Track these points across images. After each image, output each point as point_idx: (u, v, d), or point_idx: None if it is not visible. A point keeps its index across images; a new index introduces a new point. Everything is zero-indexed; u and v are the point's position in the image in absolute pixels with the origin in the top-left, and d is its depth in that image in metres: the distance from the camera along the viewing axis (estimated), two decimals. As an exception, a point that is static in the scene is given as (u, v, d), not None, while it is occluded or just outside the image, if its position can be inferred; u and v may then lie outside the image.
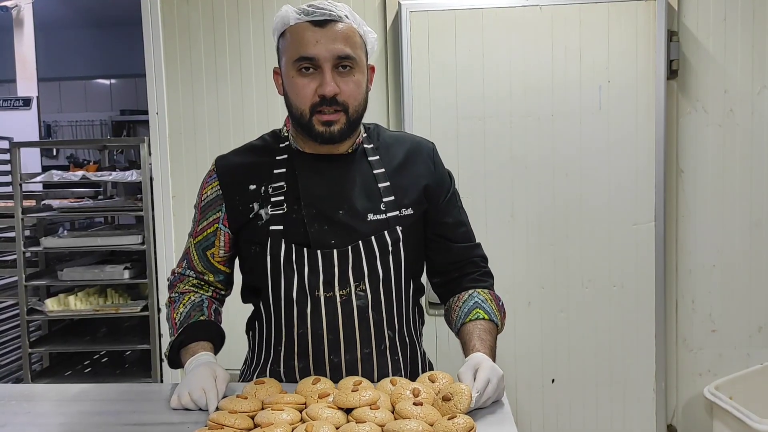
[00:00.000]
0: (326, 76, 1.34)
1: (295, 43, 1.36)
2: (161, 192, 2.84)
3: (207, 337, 1.45)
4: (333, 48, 1.33)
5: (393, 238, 1.42)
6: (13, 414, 1.36)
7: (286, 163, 1.45)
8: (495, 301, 1.50)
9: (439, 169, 1.52)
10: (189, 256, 1.54)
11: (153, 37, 2.79)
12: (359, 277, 1.41)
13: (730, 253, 2.70)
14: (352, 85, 1.36)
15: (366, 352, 1.43)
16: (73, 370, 3.26)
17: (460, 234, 1.53)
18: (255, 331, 1.54)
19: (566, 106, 2.64)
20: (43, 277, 3.13)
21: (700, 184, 2.69)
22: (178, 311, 1.48)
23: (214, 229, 1.49)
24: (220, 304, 1.58)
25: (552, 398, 2.73)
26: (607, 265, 2.68)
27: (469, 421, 1.13)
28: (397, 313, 1.46)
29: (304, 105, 1.37)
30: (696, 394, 2.73)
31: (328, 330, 1.41)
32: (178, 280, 1.55)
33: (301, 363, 1.44)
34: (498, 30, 2.63)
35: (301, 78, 1.36)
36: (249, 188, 1.45)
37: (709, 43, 2.64)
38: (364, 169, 1.45)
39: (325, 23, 1.34)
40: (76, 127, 6.99)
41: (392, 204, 1.43)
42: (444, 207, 1.51)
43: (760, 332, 2.71)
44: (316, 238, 1.40)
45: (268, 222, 1.42)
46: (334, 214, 1.41)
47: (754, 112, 2.65)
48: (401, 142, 1.53)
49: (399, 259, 1.43)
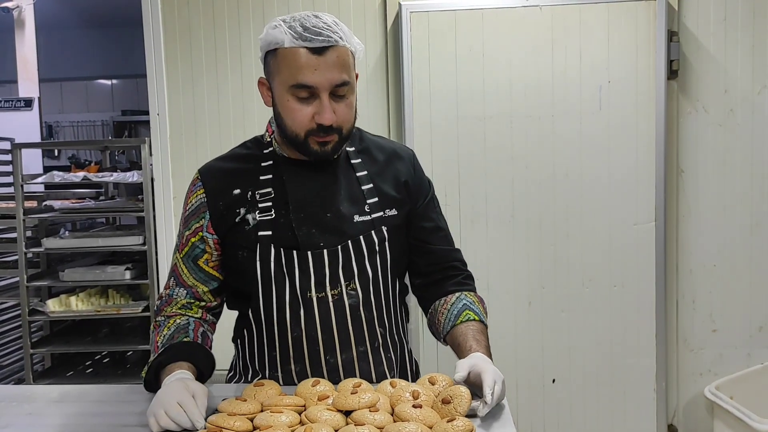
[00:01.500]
0: (325, 107, 1.34)
1: (291, 68, 1.33)
2: (162, 193, 2.84)
3: (189, 359, 1.37)
4: (331, 77, 1.33)
5: (379, 237, 1.44)
6: (15, 415, 1.37)
7: (272, 169, 1.46)
8: (481, 303, 1.51)
9: (419, 173, 1.55)
10: (177, 272, 1.50)
11: (154, 37, 2.80)
12: (349, 276, 1.42)
13: (731, 252, 2.70)
14: (346, 109, 1.37)
15: (361, 350, 1.45)
16: (75, 371, 3.27)
17: (439, 238, 1.54)
18: (244, 339, 1.51)
19: (566, 106, 2.64)
20: (44, 278, 3.14)
21: (700, 184, 2.69)
22: (161, 334, 1.42)
23: (199, 237, 1.46)
24: (210, 327, 1.51)
25: (553, 398, 2.74)
26: (608, 264, 2.68)
27: (468, 423, 1.13)
28: (386, 311, 1.48)
29: (299, 130, 1.37)
30: (697, 394, 2.73)
31: (322, 330, 1.42)
32: (166, 304, 1.49)
33: (298, 366, 1.44)
34: (498, 30, 2.63)
35: (297, 103, 1.36)
36: (233, 193, 1.45)
37: (709, 43, 2.64)
38: (348, 173, 1.47)
39: (323, 50, 1.32)
40: (77, 127, 7.00)
41: (376, 205, 1.46)
42: (422, 211, 1.53)
43: (761, 332, 2.71)
44: (306, 240, 1.41)
45: (255, 227, 1.42)
46: (322, 217, 1.42)
47: (754, 111, 2.65)
48: (382, 146, 1.55)
49: (385, 258, 1.45)
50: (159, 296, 1.52)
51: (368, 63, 2.72)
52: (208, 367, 1.41)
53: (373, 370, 1.46)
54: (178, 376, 1.31)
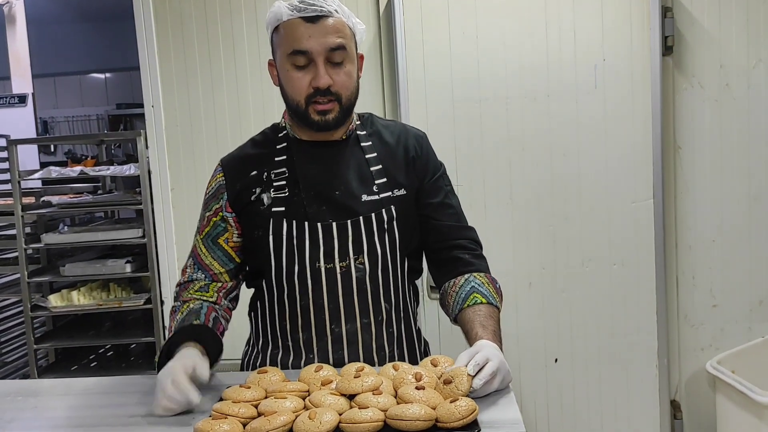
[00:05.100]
0: (320, 69, 1.41)
1: (289, 38, 1.42)
2: (160, 185, 2.84)
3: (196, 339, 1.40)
4: (325, 41, 1.41)
5: (388, 216, 1.48)
6: (21, 409, 1.38)
7: (286, 151, 1.53)
8: (492, 283, 1.52)
9: (426, 151, 1.59)
10: (195, 252, 1.56)
11: (146, 30, 2.78)
12: (358, 250, 1.47)
13: (730, 227, 2.70)
14: (343, 75, 1.45)
15: (365, 322, 1.49)
16: (79, 365, 3.28)
17: (447, 214, 1.57)
18: (257, 311, 1.58)
19: (562, 85, 2.63)
20: (45, 274, 3.14)
21: (697, 160, 2.69)
22: (176, 319, 1.47)
23: (220, 217, 1.53)
24: (225, 313, 1.54)
25: (555, 377, 2.75)
26: (607, 243, 2.69)
27: (471, 403, 1.14)
28: (393, 287, 1.52)
29: (299, 96, 1.44)
30: (698, 369, 2.75)
31: (328, 300, 1.47)
32: (183, 289, 1.54)
33: (305, 335, 1.49)
34: (491, 11, 2.62)
35: (295, 71, 1.43)
36: (250, 174, 1.52)
37: (703, 18, 2.63)
38: (357, 154, 1.53)
39: (317, 19, 1.41)
40: (72, 122, 6.98)
41: (384, 185, 1.50)
42: (430, 187, 1.57)
43: (761, 306, 2.72)
44: (315, 216, 1.47)
45: (270, 206, 1.48)
46: (331, 194, 1.48)
47: (750, 86, 2.64)
48: (392, 128, 1.60)
49: (393, 236, 1.49)
50: (177, 282, 1.57)
51: (362, 48, 2.70)
52: (214, 350, 1.43)
53: (374, 342, 1.50)
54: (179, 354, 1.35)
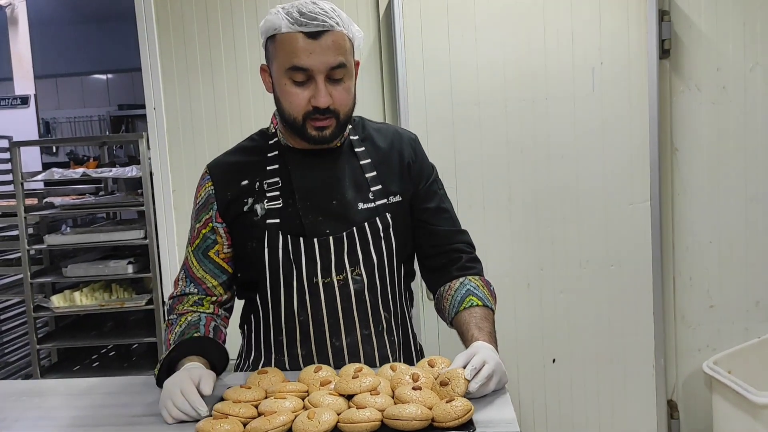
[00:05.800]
0: (320, 89, 1.36)
1: (288, 51, 1.36)
2: (161, 186, 2.86)
3: (199, 353, 1.38)
4: (326, 60, 1.35)
5: (384, 224, 1.47)
6: (24, 409, 1.39)
7: (278, 160, 1.49)
8: (486, 286, 1.52)
9: (420, 156, 1.56)
10: (187, 265, 1.52)
11: (147, 31, 2.80)
12: (355, 261, 1.45)
13: (727, 229, 2.72)
14: (343, 92, 1.39)
15: (365, 333, 1.48)
16: (82, 365, 3.30)
17: (442, 219, 1.56)
18: (251, 324, 1.55)
19: (560, 89, 2.65)
20: (48, 274, 3.16)
21: (695, 162, 2.70)
22: (173, 332, 1.44)
23: (210, 228, 1.49)
24: (223, 321, 1.52)
25: (553, 378, 2.77)
26: (605, 245, 2.71)
27: (466, 404, 1.16)
28: (391, 295, 1.51)
29: (297, 113, 1.39)
30: (695, 370, 2.76)
31: (327, 314, 1.45)
32: (177, 302, 1.51)
33: (304, 350, 1.47)
34: (490, 15, 2.64)
35: (293, 87, 1.38)
36: (241, 184, 1.48)
37: (700, 21, 2.64)
38: (352, 161, 1.50)
39: (318, 35, 1.35)
40: (74, 123, 6.99)
41: (380, 192, 1.48)
42: (424, 193, 1.54)
43: (758, 306, 2.74)
44: (312, 228, 1.44)
45: (264, 217, 1.45)
46: (327, 205, 1.45)
47: (747, 88, 2.66)
48: (384, 132, 1.57)
49: (390, 243, 1.48)
50: (170, 295, 1.54)
51: (362, 51, 2.73)
52: (220, 360, 1.42)
53: (376, 352, 1.49)
54: (185, 366, 1.33)
